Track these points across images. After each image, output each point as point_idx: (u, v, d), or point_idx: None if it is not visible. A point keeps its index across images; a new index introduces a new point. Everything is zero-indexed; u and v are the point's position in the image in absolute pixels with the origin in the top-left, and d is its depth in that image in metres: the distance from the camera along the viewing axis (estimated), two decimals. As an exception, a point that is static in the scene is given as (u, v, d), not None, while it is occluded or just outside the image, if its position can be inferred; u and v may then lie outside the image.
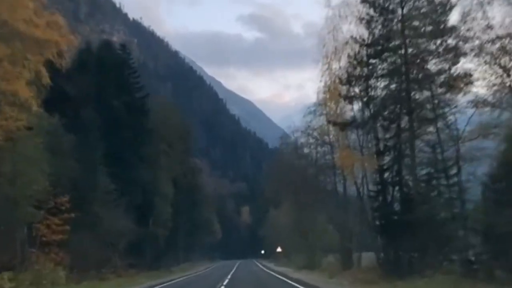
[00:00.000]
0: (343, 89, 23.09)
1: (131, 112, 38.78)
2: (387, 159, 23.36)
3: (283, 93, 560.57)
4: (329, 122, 25.47)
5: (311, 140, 40.09)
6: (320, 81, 26.06)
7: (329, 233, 38.56)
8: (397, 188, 22.79)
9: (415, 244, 22.02)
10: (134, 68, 41.63)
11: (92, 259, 30.45)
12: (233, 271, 45.11)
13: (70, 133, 31.02)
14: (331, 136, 33.54)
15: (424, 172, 22.47)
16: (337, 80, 23.00)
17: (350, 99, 22.87)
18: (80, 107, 34.54)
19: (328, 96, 24.08)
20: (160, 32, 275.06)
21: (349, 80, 22.02)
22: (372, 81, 22.09)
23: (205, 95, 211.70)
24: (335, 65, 25.77)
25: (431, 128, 22.19)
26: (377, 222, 23.97)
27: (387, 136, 22.81)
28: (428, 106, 21.95)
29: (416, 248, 22.14)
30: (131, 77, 41.05)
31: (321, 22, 25.14)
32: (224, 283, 26.66)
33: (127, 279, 32.45)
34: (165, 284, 29.87)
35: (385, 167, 23.06)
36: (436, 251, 21.34)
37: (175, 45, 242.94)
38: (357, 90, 22.55)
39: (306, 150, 44.71)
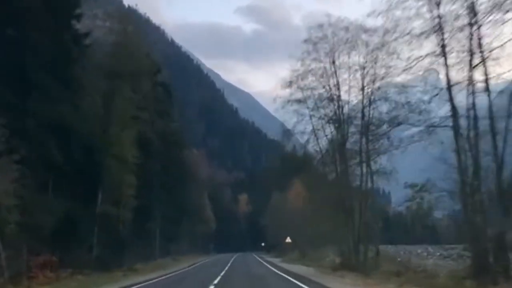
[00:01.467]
0: None
1: (49, 9, 21.53)
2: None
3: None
4: None
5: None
6: None
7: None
8: None
9: None
10: None
11: None
12: (222, 274, 27.87)
13: None
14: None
15: None
16: None
17: None
18: None
19: None
20: (156, 20, 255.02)
21: None
22: None
23: (203, 85, 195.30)
24: None
25: None
26: None
27: None
28: None
29: None
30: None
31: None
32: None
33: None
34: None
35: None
36: None
37: (175, 37, 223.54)
38: None
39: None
